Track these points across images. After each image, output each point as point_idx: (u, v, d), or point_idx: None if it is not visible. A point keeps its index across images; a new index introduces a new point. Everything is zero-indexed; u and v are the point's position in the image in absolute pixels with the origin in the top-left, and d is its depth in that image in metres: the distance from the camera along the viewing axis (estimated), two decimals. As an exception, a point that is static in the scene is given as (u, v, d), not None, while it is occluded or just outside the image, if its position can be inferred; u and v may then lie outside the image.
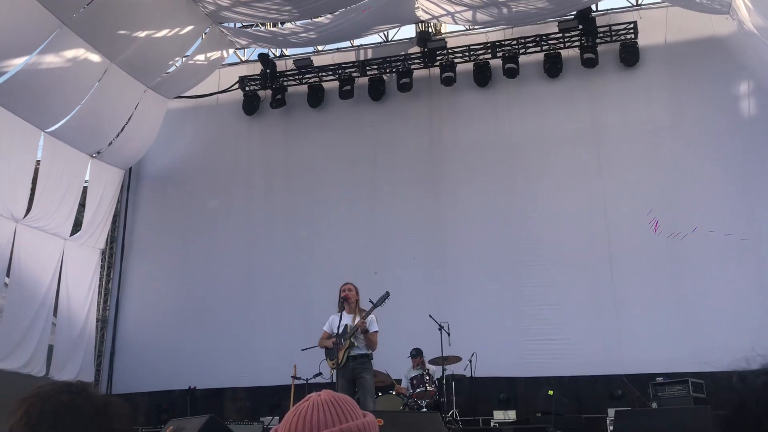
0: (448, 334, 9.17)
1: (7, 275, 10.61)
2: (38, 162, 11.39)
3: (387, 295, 6.67)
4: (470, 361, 9.33)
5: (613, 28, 11.83)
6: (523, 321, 11.02)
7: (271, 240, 12.66)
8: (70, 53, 10.57)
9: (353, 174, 12.64)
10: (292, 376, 9.60)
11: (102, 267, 13.11)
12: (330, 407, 1.39)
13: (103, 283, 13.19)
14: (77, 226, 12.44)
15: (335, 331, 6.57)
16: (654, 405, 8.90)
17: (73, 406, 1.40)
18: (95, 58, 11.03)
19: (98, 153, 12.57)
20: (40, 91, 10.55)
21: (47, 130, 11.29)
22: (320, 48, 13.74)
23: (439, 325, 9.19)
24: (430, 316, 9.38)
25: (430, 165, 12.31)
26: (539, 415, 9.48)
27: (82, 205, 12.48)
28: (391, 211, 12.19)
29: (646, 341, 10.37)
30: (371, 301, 6.67)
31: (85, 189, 12.49)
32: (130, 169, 13.66)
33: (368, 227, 12.23)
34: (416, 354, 9.42)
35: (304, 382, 9.45)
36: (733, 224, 10.52)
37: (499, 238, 11.55)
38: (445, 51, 12.50)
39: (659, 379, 9.36)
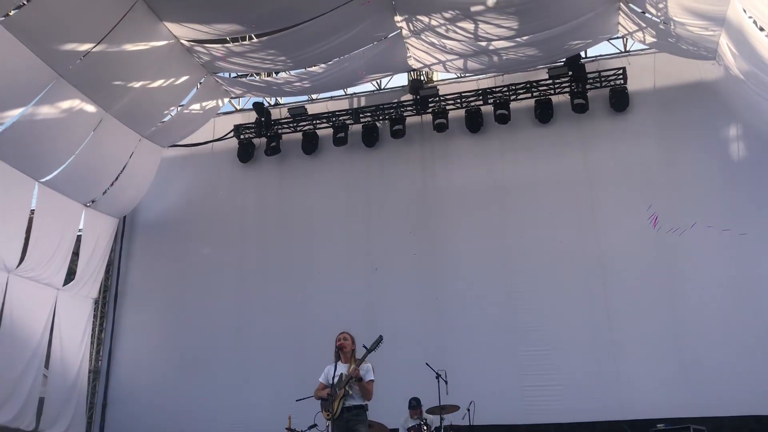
0: (446, 383, 9.05)
1: (-1, 327, 10.50)
2: (32, 212, 11.38)
3: (380, 339, 6.59)
4: (468, 410, 9.20)
5: (603, 74, 12.02)
6: (521, 366, 10.89)
7: (265, 288, 12.59)
8: (65, 104, 10.67)
9: (347, 220, 12.65)
10: (286, 428, 9.47)
11: (95, 317, 12.97)
12: None
13: (96, 333, 13.04)
14: (70, 275, 12.35)
15: (331, 381, 6.47)
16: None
17: None
18: (90, 108, 11.13)
19: (92, 202, 12.59)
20: (35, 142, 10.61)
21: (41, 180, 11.32)
22: (314, 96, 13.90)
23: (437, 373, 9.08)
24: (427, 364, 9.27)
25: (424, 210, 12.34)
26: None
27: (75, 254, 12.42)
28: (385, 257, 12.15)
29: (646, 384, 10.26)
30: (365, 347, 6.59)
31: (78, 238, 12.45)
32: (124, 217, 13.65)
33: (362, 274, 12.17)
34: (416, 405, 9.27)
35: (299, 433, 9.32)
36: (728, 266, 10.53)
37: (494, 283, 11.50)
38: (437, 98, 12.66)
39: (660, 426, 9.25)
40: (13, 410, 10.35)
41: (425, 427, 8.72)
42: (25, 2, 9.03)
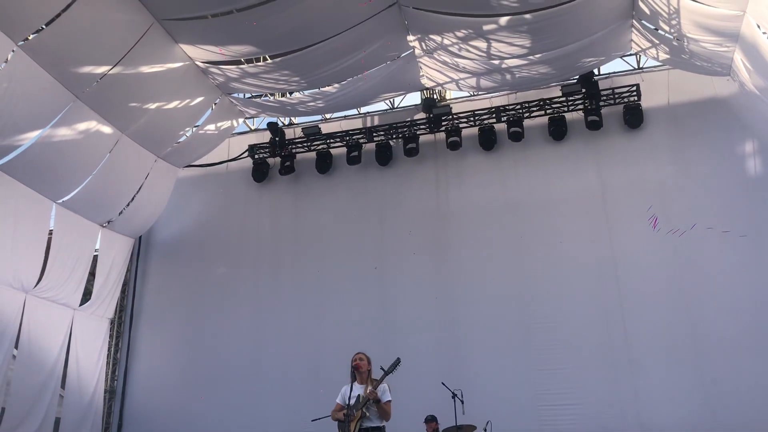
0: (462, 402, 8.99)
1: (16, 347, 10.54)
2: (51, 232, 11.48)
3: (398, 361, 6.55)
4: (485, 430, 9.12)
5: (616, 90, 12.01)
6: (538, 385, 10.79)
7: (280, 308, 12.59)
8: (82, 126, 10.79)
9: (361, 239, 12.65)
10: (302, 448, 9.40)
11: (111, 337, 13.01)
12: None
13: (112, 353, 13.07)
14: (87, 295, 12.42)
15: (347, 402, 6.43)
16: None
17: None
18: (107, 129, 11.25)
19: (109, 222, 12.68)
20: (52, 164, 10.73)
21: (59, 201, 11.43)
22: (328, 116, 13.98)
23: (453, 392, 9.02)
24: (443, 383, 9.22)
25: (438, 229, 12.32)
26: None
27: (92, 275, 12.50)
28: (400, 276, 12.13)
29: (665, 403, 10.14)
30: (382, 369, 6.55)
31: (95, 258, 12.53)
32: (140, 237, 13.74)
33: (377, 293, 12.15)
34: (431, 419, 9.24)
35: (315, 453, 9.24)
36: (748, 284, 10.42)
37: (509, 302, 11.43)
38: (450, 116, 12.69)
39: (680, 446, 9.11)
40: (31, 430, 10.38)
41: (441, 448, 8.65)
42: (44, 27, 9.18)
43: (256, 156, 13.74)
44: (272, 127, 13.55)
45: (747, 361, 10.00)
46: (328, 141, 13.42)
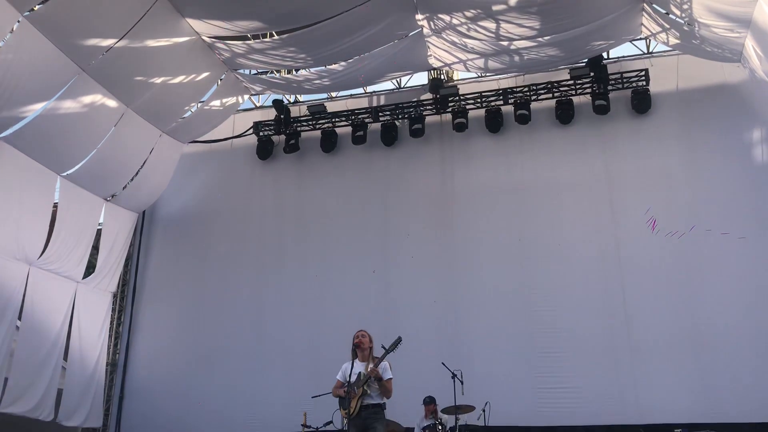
0: (462, 383, 9.02)
1: (19, 318, 10.60)
2: (56, 205, 11.49)
3: (399, 340, 6.59)
4: (483, 411, 9.17)
5: (625, 75, 11.92)
6: (537, 368, 10.83)
7: (282, 285, 12.62)
8: (87, 99, 10.75)
9: (365, 219, 12.64)
10: (302, 425, 9.49)
11: (113, 310, 13.07)
12: None
13: (114, 326, 13.14)
14: (90, 269, 12.45)
15: (348, 379, 6.47)
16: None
17: None
18: (112, 103, 11.21)
19: (113, 196, 12.68)
20: (57, 136, 10.70)
21: (63, 174, 11.42)
22: (334, 94, 13.92)
23: (452, 373, 9.05)
24: (443, 363, 9.24)
25: (442, 210, 12.30)
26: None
27: (95, 248, 12.53)
28: (403, 256, 12.13)
29: (664, 389, 10.16)
30: (384, 347, 6.59)
31: (98, 232, 12.55)
32: (144, 212, 13.75)
33: (380, 272, 12.16)
34: (429, 401, 9.29)
35: (314, 430, 9.33)
36: (750, 272, 10.41)
37: (511, 284, 11.44)
38: (457, 97, 12.62)
39: (678, 431, 9.15)
40: (33, 401, 10.45)
41: (440, 427, 8.70)
42: (50, -3, 9.13)
43: (261, 133, 13.70)
44: (277, 104, 13.49)
45: (746, 351, 10.00)
46: (333, 120, 13.37)
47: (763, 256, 10.42)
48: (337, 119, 13.35)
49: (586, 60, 11.82)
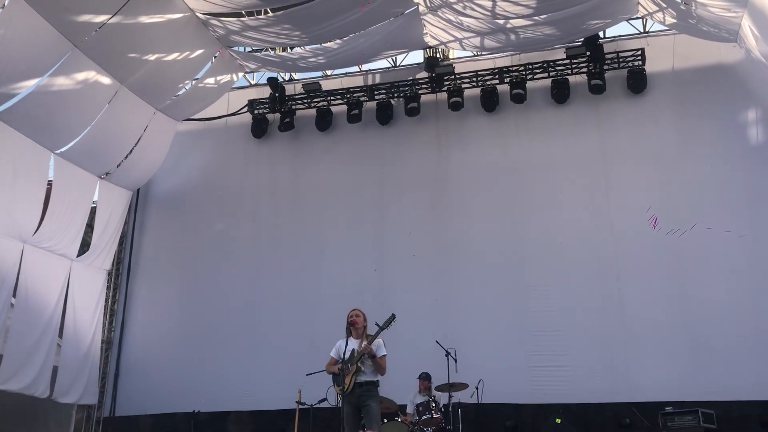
0: (455, 361, 9.09)
1: (14, 295, 10.60)
2: (50, 182, 11.45)
3: (393, 317, 6.63)
4: (477, 388, 9.25)
5: (621, 54, 11.89)
6: (531, 346, 10.91)
7: (277, 263, 12.64)
8: (80, 76, 10.66)
9: (360, 197, 12.65)
10: (296, 401, 9.55)
11: (108, 288, 13.09)
12: None
13: (109, 304, 13.16)
14: (84, 247, 12.44)
15: (342, 356, 6.52)
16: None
17: None
18: (106, 80, 11.12)
19: (107, 174, 12.62)
20: (50, 113, 10.63)
21: (57, 152, 11.36)
22: (329, 72, 13.83)
23: (446, 351, 9.11)
24: (437, 341, 9.31)
25: (437, 189, 12.31)
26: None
27: (89, 226, 12.50)
28: (398, 235, 12.16)
29: (655, 367, 10.26)
30: (377, 324, 6.63)
31: (93, 210, 12.52)
32: (138, 190, 13.72)
33: (375, 251, 12.20)
34: (425, 377, 9.37)
35: (309, 407, 9.41)
36: (741, 251, 10.47)
37: (506, 263, 11.50)
38: (453, 76, 12.57)
39: (669, 409, 9.26)
40: (28, 378, 10.49)
41: (433, 404, 8.78)
42: (42, -28, 9.02)
43: (256, 111, 13.64)
44: (272, 82, 13.40)
45: (735, 331, 10.08)
46: (328, 98, 13.31)
47: (756, 236, 10.48)
48: (332, 97, 13.28)
49: (582, 39, 11.75)
